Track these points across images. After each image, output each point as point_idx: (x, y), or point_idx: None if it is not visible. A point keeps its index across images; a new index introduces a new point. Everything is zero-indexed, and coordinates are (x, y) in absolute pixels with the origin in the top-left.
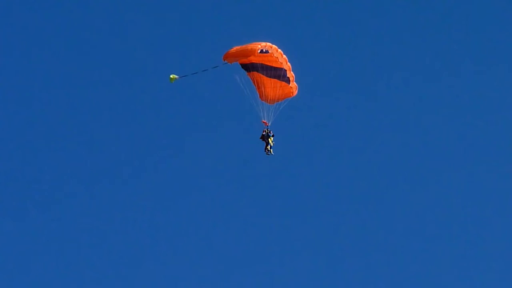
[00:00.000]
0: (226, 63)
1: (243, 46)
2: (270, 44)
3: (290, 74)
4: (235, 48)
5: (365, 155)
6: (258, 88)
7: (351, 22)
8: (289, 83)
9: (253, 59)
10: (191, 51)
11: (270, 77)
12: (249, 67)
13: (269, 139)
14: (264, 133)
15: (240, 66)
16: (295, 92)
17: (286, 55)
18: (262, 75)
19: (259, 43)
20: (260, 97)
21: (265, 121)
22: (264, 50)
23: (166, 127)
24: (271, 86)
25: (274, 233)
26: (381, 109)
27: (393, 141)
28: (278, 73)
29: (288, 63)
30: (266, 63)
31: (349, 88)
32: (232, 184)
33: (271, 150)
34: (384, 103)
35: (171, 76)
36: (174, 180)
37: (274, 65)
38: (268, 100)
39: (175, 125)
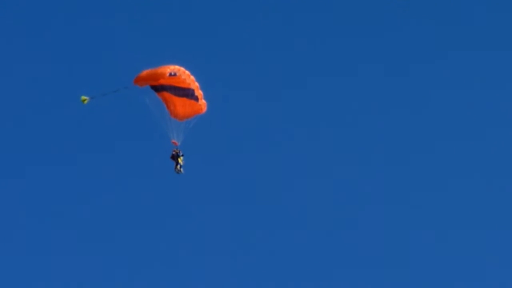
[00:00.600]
0: (137, 86)
1: (153, 70)
2: (178, 67)
3: (198, 93)
4: (145, 71)
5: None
6: (168, 107)
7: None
8: (198, 101)
9: (163, 82)
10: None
11: (179, 96)
12: (158, 88)
13: (179, 159)
14: (174, 153)
15: (149, 87)
16: (204, 109)
17: (193, 76)
18: (171, 95)
19: (168, 66)
20: (170, 114)
21: (174, 141)
22: (172, 73)
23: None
24: (181, 105)
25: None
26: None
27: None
28: (186, 92)
29: (196, 83)
30: (174, 84)
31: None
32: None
33: (181, 169)
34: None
35: (82, 97)
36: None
37: (182, 85)
38: (178, 118)
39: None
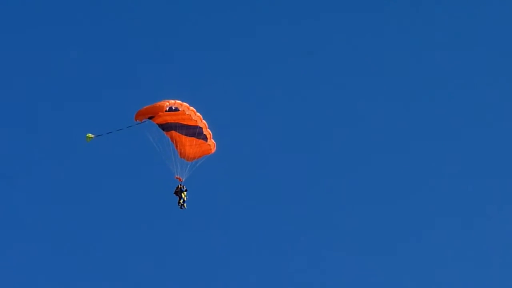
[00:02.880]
0: (139, 122)
1: (152, 104)
2: (180, 101)
3: (207, 132)
4: (145, 107)
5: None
6: (177, 146)
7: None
8: (207, 141)
9: (168, 119)
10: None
11: (187, 135)
12: (166, 127)
13: (182, 194)
14: (177, 188)
15: (157, 126)
16: (214, 150)
17: (199, 113)
18: (180, 134)
19: (168, 100)
20: (179, 155)
21: (178, 177)
22: (173, 108)
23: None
24: (189, 144)
25: None
26: None
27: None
28: (194, 131)
29: (203, 121)
30: (181, 122)
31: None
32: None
33: (185, 204)
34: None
35: (88, 135)
36: None
37: (189, 123)
38: (187, 158)
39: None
